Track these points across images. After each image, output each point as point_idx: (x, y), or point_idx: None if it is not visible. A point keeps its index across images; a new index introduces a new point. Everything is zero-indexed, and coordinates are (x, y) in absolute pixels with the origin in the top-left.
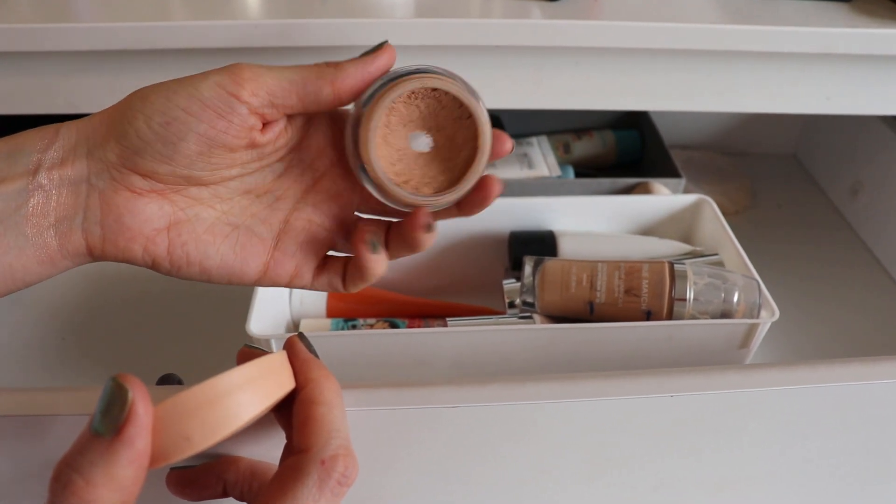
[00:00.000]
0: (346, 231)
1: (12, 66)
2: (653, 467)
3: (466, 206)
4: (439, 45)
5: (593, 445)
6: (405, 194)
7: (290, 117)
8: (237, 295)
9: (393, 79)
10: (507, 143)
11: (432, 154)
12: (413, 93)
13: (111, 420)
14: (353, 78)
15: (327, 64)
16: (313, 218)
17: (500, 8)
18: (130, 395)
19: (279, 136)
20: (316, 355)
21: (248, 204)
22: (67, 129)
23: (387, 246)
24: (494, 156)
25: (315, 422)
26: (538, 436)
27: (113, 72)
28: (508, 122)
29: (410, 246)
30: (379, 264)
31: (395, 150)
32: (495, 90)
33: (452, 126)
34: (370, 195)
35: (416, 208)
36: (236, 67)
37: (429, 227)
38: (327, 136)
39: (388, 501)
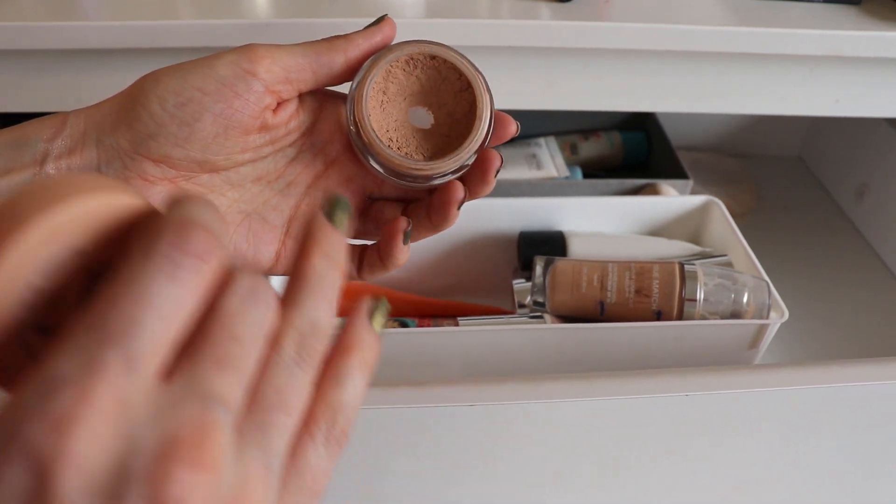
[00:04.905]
0: (358, 218)
1: (21, 63)
2: (667, 466)
3: (469, 183)
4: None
5: (608, 444)
6: (395, 155)
7: (301, 100)
8: None
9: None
10: (511, 125)
11: (432, 129)
12: (412, 59)
13: None
14: (362, 47)
15: (337, 36)
16: None
17: (511, 9)
18: None
19: (291, 117)
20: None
21: (260, 191)
22: (75, 117)
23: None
24: (498, 138)
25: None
26: (554, 434)
27: (121, 70)
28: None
29: (435, 224)
30: (406, 254)
31: (392, 119)
32: (505, 91)
33: (453, 101)
34: (383, 181)
35: (448, 183)
36: (250, 46)
37: (459, 203)
38: (338, 120)
39: (405, 499)
